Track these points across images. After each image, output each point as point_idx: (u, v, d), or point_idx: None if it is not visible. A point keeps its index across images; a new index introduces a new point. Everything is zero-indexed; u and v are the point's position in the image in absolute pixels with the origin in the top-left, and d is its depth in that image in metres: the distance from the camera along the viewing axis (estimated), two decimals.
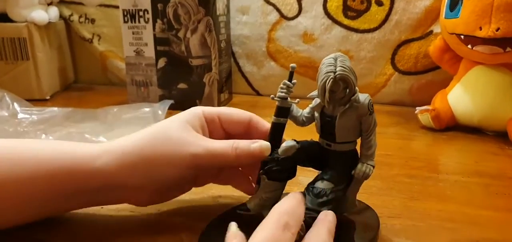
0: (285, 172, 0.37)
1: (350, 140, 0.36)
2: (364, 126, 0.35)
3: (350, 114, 0.35)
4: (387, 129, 0.71)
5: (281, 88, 0.38)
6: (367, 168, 0.36)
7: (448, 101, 0.70)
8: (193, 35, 0.78)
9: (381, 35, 0.83)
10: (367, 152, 0.36)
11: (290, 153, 0.36)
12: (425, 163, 0.56)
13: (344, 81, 0.33)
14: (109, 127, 0.68)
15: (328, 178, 0.36)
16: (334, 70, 0.33)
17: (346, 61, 0.34)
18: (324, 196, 0.35)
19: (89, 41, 1.03)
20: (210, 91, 0.80)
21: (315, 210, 0.35)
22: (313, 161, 0.38)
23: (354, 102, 0.34)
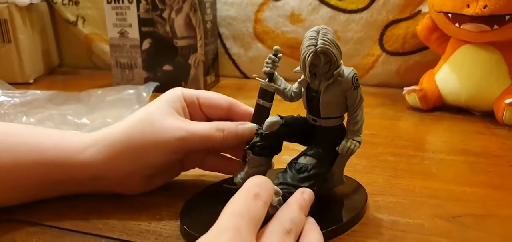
0: (269, 147, 0.37)
1: (336, 115, 0.35)
2: (349, 100, 0.35)
3: (334, 89, 0.34)
4: (373, 109, 0.70)
5: (266, 63, 0.37)
6: (352, 144, 0.35)
7: (435, 81, 0.69)
8: (177, 16, 0.77)
9: (368, 15, 0.82)
10: (353, 128, 0.35)
11: (274, 128, 0.36)
12: (411, 142, 0.55)
13: (325, 55, 0.32)
14: (92, 109, 0.67)
15: (311, 153, 0.36)
16: (315, 44, 0.32)
17: (329, 34, 0.33)
18: (306, 171, 0.35)
19: (73, 24, 1.01)
20: (196, 73, 0.79)
21: (295, 186, 0.34)
22: (298, 137, 0.38)
23: (338, 76, 0.33)
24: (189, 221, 0.35)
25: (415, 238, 0.34)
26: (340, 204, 0.38)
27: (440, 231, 0.35)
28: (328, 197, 0.38)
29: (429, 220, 0.36)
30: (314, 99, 0.35)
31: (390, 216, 0.37)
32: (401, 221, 0.36)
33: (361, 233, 0.34)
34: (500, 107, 0.61)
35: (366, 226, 0.35)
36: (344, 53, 0.85)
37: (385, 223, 0.36)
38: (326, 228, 0.33)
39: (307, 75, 0.34)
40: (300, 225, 0.31)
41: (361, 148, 0.52)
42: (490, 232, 0.35)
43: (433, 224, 0.36)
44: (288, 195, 0.33)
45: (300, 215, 0.31)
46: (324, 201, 0.36)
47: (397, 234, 0.34)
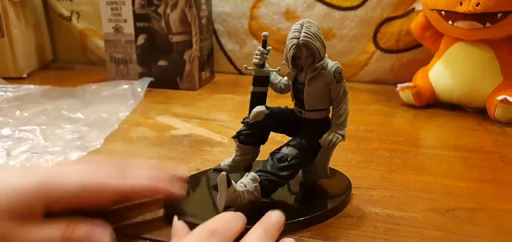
0: (254, 136, 0.38)
1: (320, 107, 0.36)
2: (332, 94, 0.35)
3: (317, 82, 0.35)
4: (368, 106, 0.71)
5: (256, 55, 0.38)
6: (334, 136, 0.36)
7: (429, 78, 0.70)
8: (173, 11, 0.77)
9: (363, 12, 0.82)
10: (337, 121, 0.36)
11: (259, 118, 0.36)
12: (405, 138, 0.56)
13: (307, 48, 0.33)
14: (86, 104, 0.67)
15: (293, 144, 0.36)
16: (298, 36, 0.33)
17: (312, 27, 0.34)
18: (286, 161, 0.35)
19: (67, 19, 1.01)
20: (191, 69, 0.79)
21: (273, 174, 0.35)
22: (284, 127, 0.38)
23: (321, 69, 0.34)
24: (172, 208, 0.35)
25: (410, 231, 0.34)
26: (324, 194, 0.39)
27: (434, 224, 0.35)
28: (313, 188, 0.39)
29: (423, 214, 0.37)
30: (299, 91, 0.36)
31: (384, 209, 0.37)
32: (395, 215, 0.36)
33: (356, 226, 0.35)
34: (492, 104, 0.61)
35: (361, 220, 0.36)
36: (339, 50, 0.86)
37: (380, 217, 0.36)
38: (308, 215, 0.34)
39: (290, 67, 0.35)
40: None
41: (356, 143, 0.53)
42: (483, 225, 0.35)
43: (427, 218, 0.36)
44: (266, 182, 0.34)
45: (265, 239, 0.29)
46: (309, 191, 0.38)
47: (391, 227, 0.35)
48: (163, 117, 0.63)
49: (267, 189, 0.35)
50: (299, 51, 0.33)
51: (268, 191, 0.35)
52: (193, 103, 0.71)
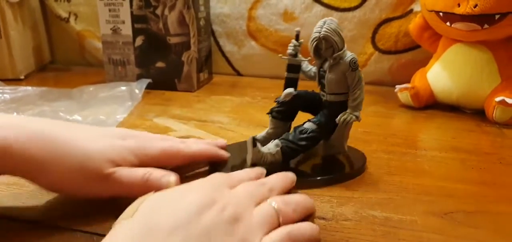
0: (284, 113, 0.46)
1: (339, 91, 0.43)
2: (349, 80, 0.42)
3: (336, 70, 0.41)
4: (366, 107, 0.70)
5: (290, 46, 0.46)
6: (348, 116, 0.42)
7: (427, 79, 0.70)
8: (171, 13, 0.77)
9: (361, 13, 0.82)
10: (353, 103, 0.42)
11: (288, 98, 0.44)
12: (403, 139, 0.56)
13: (327, 41, 0.40)
14: (84, 106, 0.66)
15: (314, 120, 0.44)
16: (320, 31, 0.40)
17: (332, 24, 0.40)
18: (305, 133, 0.43)
19: (65, 20, 1.01)
20: (189, 70, 0.79)
21: (294, 143, 0.42)
22: (309, 107, 0.46)
23: (339, 59, 0.41)
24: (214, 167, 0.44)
25: (408, 234, 0.34)
26: (341, 164, 0.46)
27: (432, 227, 0.35)
28: (332, 159, 0.46)
29: (421, 217, 0.36)
30: (323, 77, 0.43)
31: (383, 212, 0.37)
32: (394, 218, 0.36)
33: (354, 230, 0.35)
34: (491, 106, 0.61)
35: (359, 223, 0.36)
36: None
37: (378, 220, 0.36)
38: (329, 175, 0.43)
39: (313, 56, 0.43)
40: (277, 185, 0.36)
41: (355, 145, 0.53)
42: (482, 228, 0.35)
43: (425, 221, 0.36)
44: (287, 148, 0.42)
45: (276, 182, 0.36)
46: (329, 162, 0.46)
47: (390, 231, 0.35)
48: (161, 119, 0.63)
49: (287, 154, 0.42)
50: (320, 43, 0.40)
51: (288, 156, 0.43)
52: (191, 105, 0.71)
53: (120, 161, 0.36)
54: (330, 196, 0.40)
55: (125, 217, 0.28)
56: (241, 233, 0.28)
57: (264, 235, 0.29)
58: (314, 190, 0.41)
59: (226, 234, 0.27)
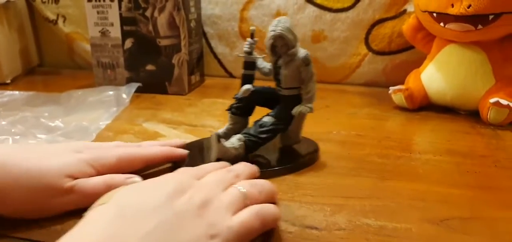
0: (242, 108, 0.49)
1: (294, 86, 0.45)
2: (303, 74, 0.45)
3: (291, 65, 0.44)
4: (360, 109, 0.70)
5: (245, 45, 0.49)
6: (303, 108, 0.45)
7: (421, 80, 0.69)
8: (161, 14, 0.75)
9: (354, 14, 0.81)
10: (306, 96, 0.45)
11: (246, 94, 0.47)
12: (398, 142, 0.55)
13: (282, 39, 0.43)
14: (69, 111, 0.65)
15: (272, 114, 0.47)
16: (275, 29, 0.43)
17: (287, 23, 0.43)
18: (265, 126, 0.46)
19: (53, 23, 0.99)
20: (180, 73, 0.77)
21: (256, 136, 0.45)
22: (266, 102, 0.49)
23: (293, 56, 0.44)
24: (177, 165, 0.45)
25: None
26: (297, 153, 0.49)
27: (428, 236, 0.34)
28: (288, 149, 0.49)
29: (416, 224, 0.35)
30: (278, 73, 0.46)
31: (377, 221, 0.36)
32: (388, 226, 0.35)
33: (347, 240, 0.34)
34: (485, 107, 0.61)
35: (352, 232, 0.35)
36: (330, 53, 0.85)
37: (372, 229, 0.35)
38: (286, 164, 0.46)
39: (269, 53, 0.45)
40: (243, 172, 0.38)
41: (347, 149, 0.52)
42: (478, 235, 0.34)
43: (421, 229, 0.35)
44: (249, 142, 0.45)
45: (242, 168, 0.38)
46: (287, 151, 0.49)
47: (384, 240, 0.34)
48: (151, 124, 0.62)
49: (250, 147, 0.45)
50: (276, 41, 0.43)
51: (250, 148, 0.46)
52: (182, 109, 0.70)
53: (78, 174, 0.37)
54: (323, 204, 0.39)
55: (100, 203, 0.29)
56: (210, 215, 0.30)
57: (233, 215, 0.31)
58: (307, 197, 0.40)
59: (196, 217, 0.29)
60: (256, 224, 0.31)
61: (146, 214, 0.27)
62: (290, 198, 0.40)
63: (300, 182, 0.43)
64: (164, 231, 0.27)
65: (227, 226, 0.30)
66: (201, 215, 0.29)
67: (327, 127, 0.60)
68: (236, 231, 0.30)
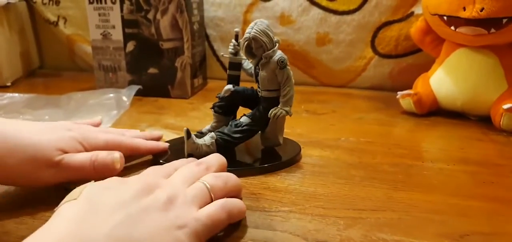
0: (224, 107, 0.50)
1: (272, 88, 0.46)
2: (278, 77, 0.45)
3: (267, 68, 0.45)
4: (367, 114, 0.68)
5: (230, 46, 0.51)
6: (279, 111, 0.45)
7: (430, 85, 0.67)
8: (163, 17, 0.74)
9: (360, 16, 0.80)
10: (283, 99, 0.46)
11: (227, 93, 0.48)
12: (408, 150, 0.53)
13: (256, 41, 0.43)
14: (69, 114, 0.63)
15: (249, 115, 0.47)
16: (250, 32, 0.43)
17: (262, 25, 0.44)
18: (240, 126, 0.47)
19: (54, 24, 0.97)
20: (183, 76, 0.76)
21: (229, 135, 0.46)
22: (247, 103, 0.49)
23: (269, 58, 0.44)
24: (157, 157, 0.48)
25: None
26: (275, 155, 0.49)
27: None
28: (269, 151, 0.50)
29: (435, 240, 0.34)
30: (257, 75, 0.46)
31: (393, 235, 0.34)
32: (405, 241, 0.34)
33: None
34: (498, 113, 0.59)
35: None
36: (336, 56, 0.84)
37: None
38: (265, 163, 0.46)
39: (245, 55, 0.46)
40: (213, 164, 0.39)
41: (358, 156, 0.50)
42: None
43: None
44: (221, 140, 0.46)
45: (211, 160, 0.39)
46: (265, 153, 0.50)
47: None
48: (153, 129, 0.60)
49: (221, 146, 0.46)
50: (251, 43, 0.44)
51: (222, 147, 0.46)
52: (185, 113, 0.68)
53: (68, 149, 0.40)
54: (336, 217, 0.37)
55: (69, 199, 0.30)
56: (177, 210, 0.31)
57: (198, 209, 0.32)
58: (319, 209, 0.38)
59: (163, 211, 0.30)
60: (223, 216, 0.32)
61: (114, 208, 0.29)
62: (301, 210, 0.38)
63: (310, 192, 0.41)
64: (131, 224, 0.28)
65: (194, 218, 0.31)
66: (167, 209, 0.30)
67: (335, 133, 0.58)
68: (203, 222, 0.31)
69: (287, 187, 0.42)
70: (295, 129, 0.59)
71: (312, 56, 0.84)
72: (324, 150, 0.53)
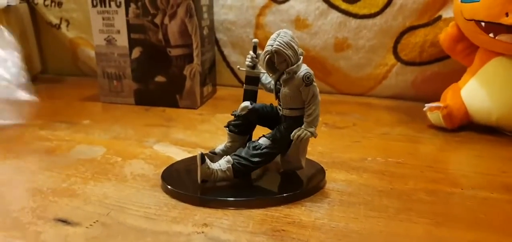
0: (241, 126, 0.45)
1: (295, 106, 0.41)
2: (303, 95, 0.41)
3: (290, 84, 0.41)
4: (391, 128, 0.63)
5: (247, 58, 0.46)
6: (303, 132, 0.41)
7: (461, 97, 0.62)
8: (171, 22, 0.69)
9: (382, 21, 0.74)
10: (307, 119, 0.41)
11: (244, 111, 0.44)
12: (443, 173, 0.48)
13: (279, 55, 0.39)
14: None
15: (268, 136, 0.43)
16: (272, 44, 0.39)
17: (286, 37, 0.39)
18: (259, 149, 0.42)
19: (56, 27, 0.93)
20: (192, 85, 0.71)
21: (246, 159, 0.41)
22: (266, 121, 0.44)
23: (293, 73, 0.40)
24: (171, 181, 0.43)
25: None
26: (299, 179, 0.44)
27: None
28: (290, 175, 0.45)
29: None
30: (279, 91, 0.42)
31: None
32: None
33: None
34: None
35: None
36: (355, 63, 0.78)
37: None
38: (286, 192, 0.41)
39: (266, 70, 0.41)
40: None
41: (390, 182, 0.45)
42: None
43: None
44: (238, 165, 0.41)
45: None
46: (287, 177, 0.44)
47: None
48: (162, 146, 0.55)
49: (239, 171, 0.41)
50: (273, 57, 0.39)
51: (240, 172, 0.41)
52: (195, 126, 0.63)
53: None
54: None
55: None
56: None
57: None
58: None
59: None
60: None
61: None
62: None
63: (342, 228, 0.36)
64: None
65: None
66: None
67: (360, 152, 0.53)
68: None
69: (315, 222, 0.37)
70: (315, 146, 0.54)
71: (329, 63, 0.78)
72: (350, 172, 0.47)
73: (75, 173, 0.47)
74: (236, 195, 0.40)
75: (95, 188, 0.43)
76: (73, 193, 0.42)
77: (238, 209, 0.39)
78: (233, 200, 0.40)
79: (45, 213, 0.39)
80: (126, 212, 0.39)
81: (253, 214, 0.38)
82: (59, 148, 0.55)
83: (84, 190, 0.43)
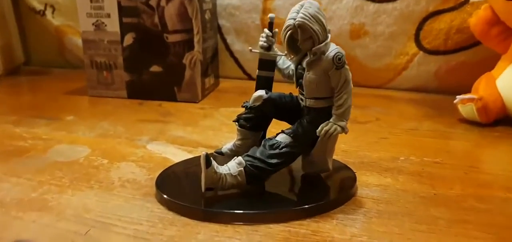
0: (253, 120, 0.38)
1: (320, 95, 0.35)
2: (332, 81, 0.34)
3: (317, 67, 0.34)
4: (419, 123, 0.56)
5: (262, 37, 0.38)
6: (331, 127, 0.34)
7: (497, 87, 0.55)
8: (169, 4, 0.62)
9: (403, 5, 0.68)
10: (337, 111, 0.34)
11: (258, 102, 0.37)
12: (491, 175, 0.41)
13: (304, 30, 0.32)
14: None
15: (288, 132, 0.36)
16: (295, 17, 0.32)
17: (311, 8, 0.32)
18: (277, 148, 0.35)
19: (40, 14, 0.86)
20: (192, 75, 0.64)
21: (262, 160, 0.34)
22: (284, 114, 0.37)
23: (320, 54, 0.33)
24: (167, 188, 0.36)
25: None
26: (325, 185, 0.38)
27: None
28: (313, 180, 0.38)
29: None
30: (301, 77, 0.35)
31: None
32: None
33: None
34: None
35: None
36: (372, 51, 0.71)
37: None
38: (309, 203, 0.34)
39: (286, 49, 0.34)
40: None
41: (430, 186, 0.38)
42: None
43: None
44: (252, 168, 0.34)
45: None
46: (308, 183, 0.38)
47: None
48: (157, 145, 0.48)
49: (253, 175, 0.34)
50: (295, 33, 0.33)
51: (254, 177, 0.34)
52: (196, 122, 0.56)
53: None
54: None
55: None
56: None
57: None
58: None
59: None
60: None
61: None
62: None
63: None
64: None
65: None
66: None
67: (389, 150, 0.46)
68: None
69: (351, 240, 0.30)
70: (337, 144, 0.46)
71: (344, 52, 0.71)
72: (383, 175, 0.40)
73: (50, 179, 0.39)
74: (250, 207, 0.33)
75: (73, 199, 0.36)
76: (43, 206, 0.34)
77: (253, 224, 0.32)
78: (246, 213, 0.33)
79: (3, 233, 0.31)
80: (110, 230, 0.31)
81: (273, 231, 0.31)
82: (34, 148, 0.47)
83: (58, 201, 0.35)
